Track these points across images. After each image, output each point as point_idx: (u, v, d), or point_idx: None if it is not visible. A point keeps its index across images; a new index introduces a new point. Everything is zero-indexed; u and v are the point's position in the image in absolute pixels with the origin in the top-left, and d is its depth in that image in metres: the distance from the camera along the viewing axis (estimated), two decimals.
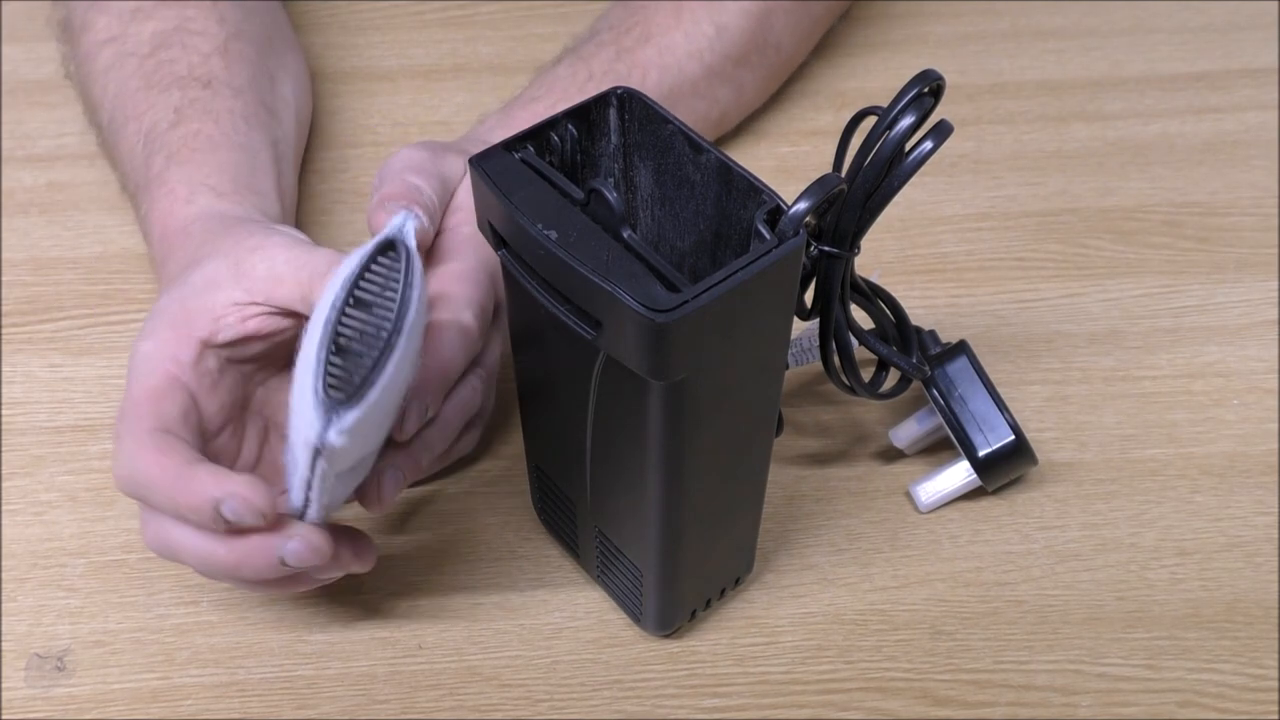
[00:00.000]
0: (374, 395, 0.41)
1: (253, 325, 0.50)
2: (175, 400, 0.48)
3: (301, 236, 0.52)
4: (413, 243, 0.43)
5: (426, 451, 0.51)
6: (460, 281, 0.52)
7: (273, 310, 0.50)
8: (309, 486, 0.45)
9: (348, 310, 0.42)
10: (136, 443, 0.46)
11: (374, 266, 0.43)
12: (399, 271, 0.43)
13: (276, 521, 0.45)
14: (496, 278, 0.53)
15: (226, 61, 0.63)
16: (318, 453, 0.42)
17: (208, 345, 0.49)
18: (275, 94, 0.66)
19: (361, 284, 0.43)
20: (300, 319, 0.50)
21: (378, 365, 0.41)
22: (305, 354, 0.42)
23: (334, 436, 0.41)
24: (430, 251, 0.54)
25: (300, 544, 0.45)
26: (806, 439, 0.61)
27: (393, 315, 0.42)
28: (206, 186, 0.57)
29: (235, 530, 0.45)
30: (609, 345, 0.41)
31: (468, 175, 0.53)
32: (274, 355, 0.51)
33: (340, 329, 0.42)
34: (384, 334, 0.42)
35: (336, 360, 0.42)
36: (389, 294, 0.42)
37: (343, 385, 0.42)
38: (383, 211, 0.52)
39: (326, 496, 0.45)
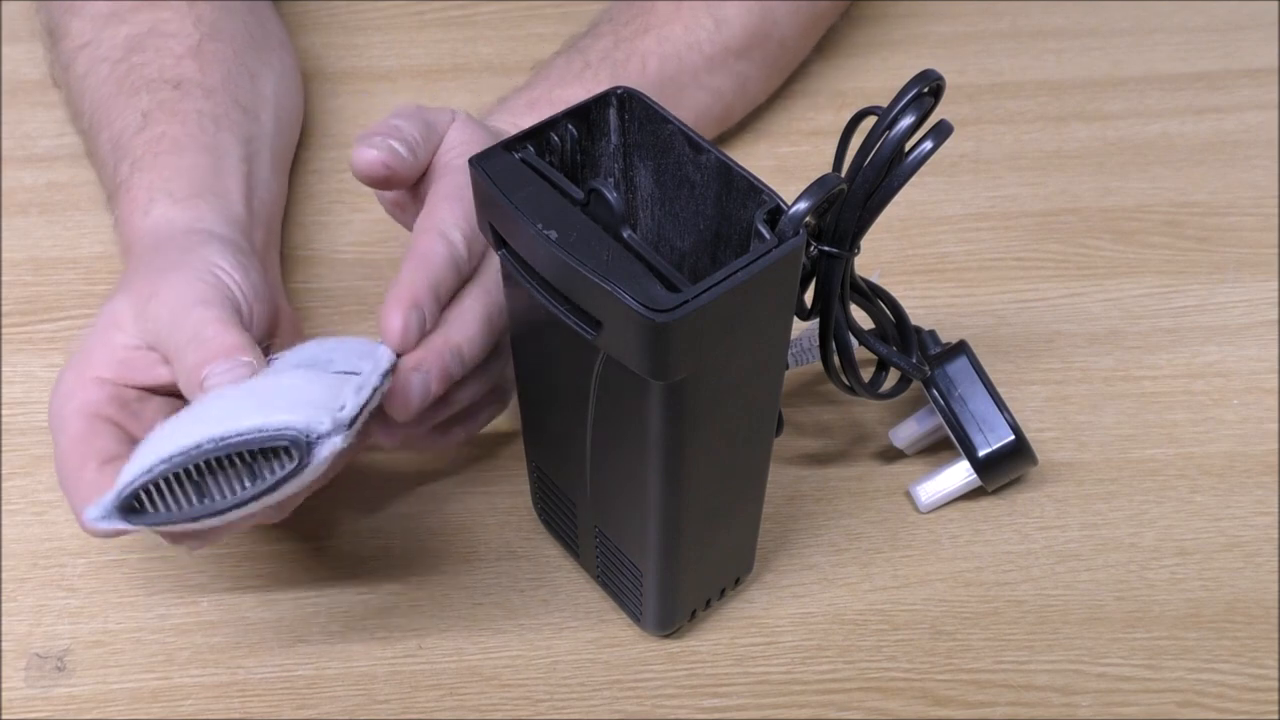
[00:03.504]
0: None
1: (163, 373, 0.49)
2: (104, 434, 0.48)
3: (219, 292, 0.50)
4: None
5: (450, 360, 0.50)
6: (446, 205, 0.51)
7: (164, 358, 0.49)
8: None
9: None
10: (64, 449, 0.47)
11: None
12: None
13: None
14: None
15: (200, 63, 0.63)
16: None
17: (117, 384, 0.49)
18: (254, 92, 0.65)
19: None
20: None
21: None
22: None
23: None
24: (421, 180, 0.53)
25: None
26: (806, 439, 0.61)
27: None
28: (164, 193, 0.57)
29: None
30: (609, 345, 0.41)
31: (459, 119, 0.54)
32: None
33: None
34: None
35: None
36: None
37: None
38: (363, 145, 0.50)
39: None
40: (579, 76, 0.64)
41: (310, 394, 0.44)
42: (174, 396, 0.50)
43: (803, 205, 0.41)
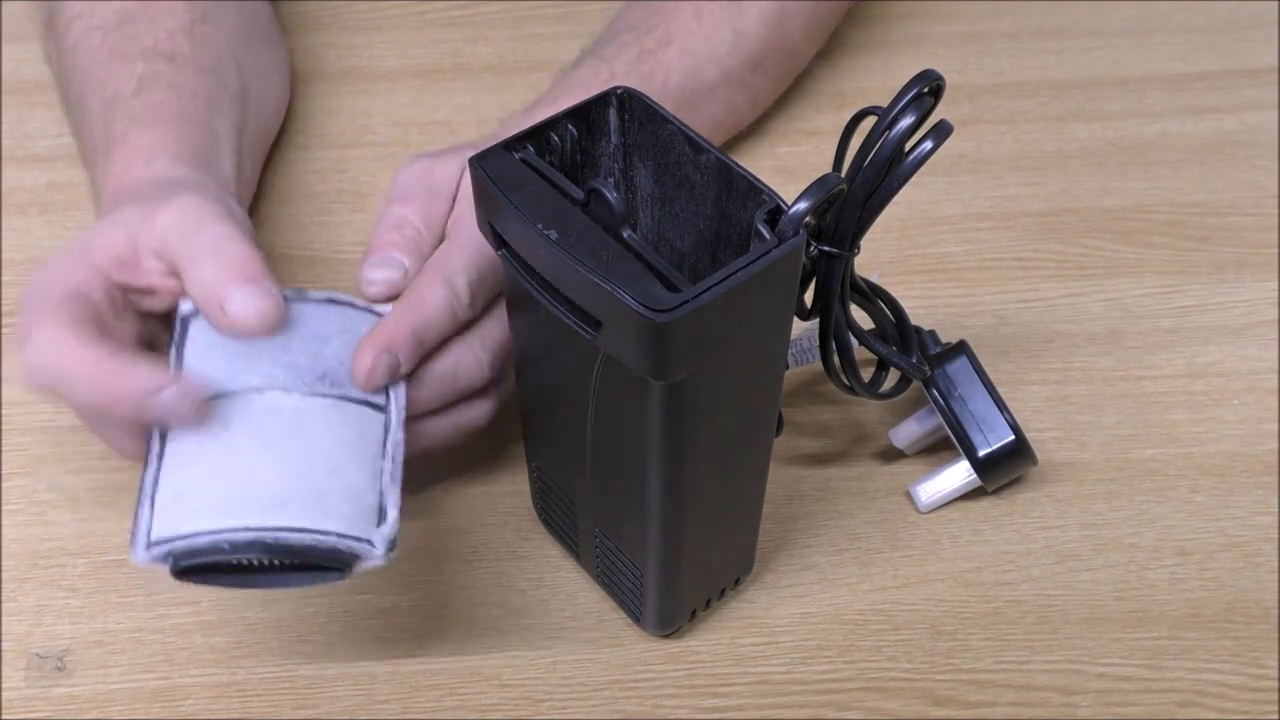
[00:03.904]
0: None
1: (162, 282, 0.49)
2: (87, 308, 0.48)
3: (235, 221, 0.51)
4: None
5: (417, 410, 0.51)
6: (459, 250, 0.52)
7: (166, 270, 0.49)
8: None
9: None
10: (56, 332, 0.46)
11: None
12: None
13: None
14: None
15: (192, 42, 0.63)
16: None
17: (110, 280, 0.49)
18: (242, 82, 0.66)
19: None
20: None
21: None
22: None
23: None
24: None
25: (171, 394, 0.45)
26: (806, 439, 0.61)
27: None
28: (168, 154, 0.56)
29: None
30: (609, 345, 0.41)
31: (467, 174, 0.54)
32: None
33: None
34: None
35: None
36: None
37: None
38: (368, 269, 0.53)
39: None
40: (604, 89, 0.64)
41: (353, 478, 0.46)
42: (160, 318, 0.51)
43: (803, 205, 0.41)
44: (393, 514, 0.46)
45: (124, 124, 0.58)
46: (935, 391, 0.56)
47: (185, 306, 0.49)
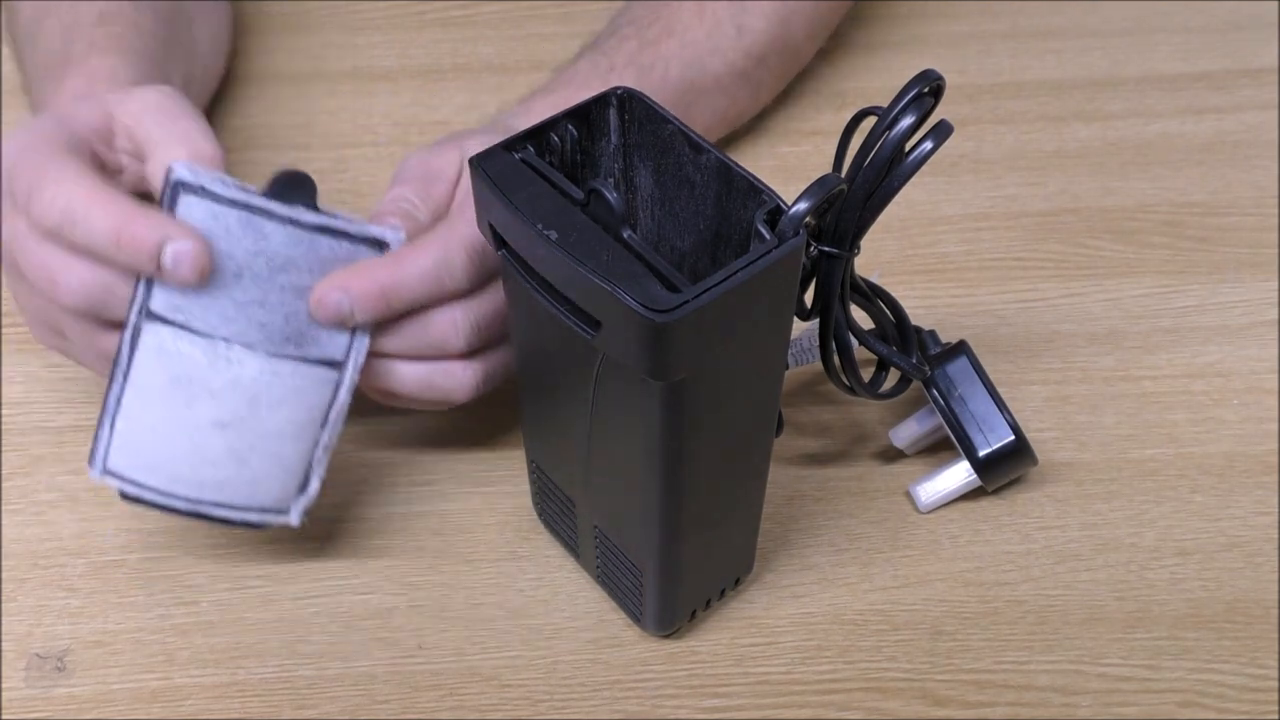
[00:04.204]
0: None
1: (127, 162, 0.50)
2: (90, 159, 0.48)
3: (206, 122, 0.51)
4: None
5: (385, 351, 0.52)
6: (465, 224, 0.51)
7: (134, 152, 0.50)
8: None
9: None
10: (74, 177, 0.46)
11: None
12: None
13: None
14: None
15: None
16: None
17: (92, 148, 0.49)
18: (194, 37, 0.67)
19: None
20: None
21: None
22: None
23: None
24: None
25: (185, 246, 0.46)
26: (806, 439, 0.61)
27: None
28: (130, 81, 0.56)
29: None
30: (609, 345, 0.41)
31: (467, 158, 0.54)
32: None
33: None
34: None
35: None
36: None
37: None
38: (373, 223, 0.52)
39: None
40: (604, 80, 0.64)
41: (290, 457, 0.51)
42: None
43: (803, 205, 0.41)
44: (315, 485, 0.52)
45: (83, 48, 0.58)
46: (935, 391, 0.56)
47: (180, 171, 0.48)
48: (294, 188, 0.49)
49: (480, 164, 0.44)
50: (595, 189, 0.44)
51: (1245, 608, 0.55)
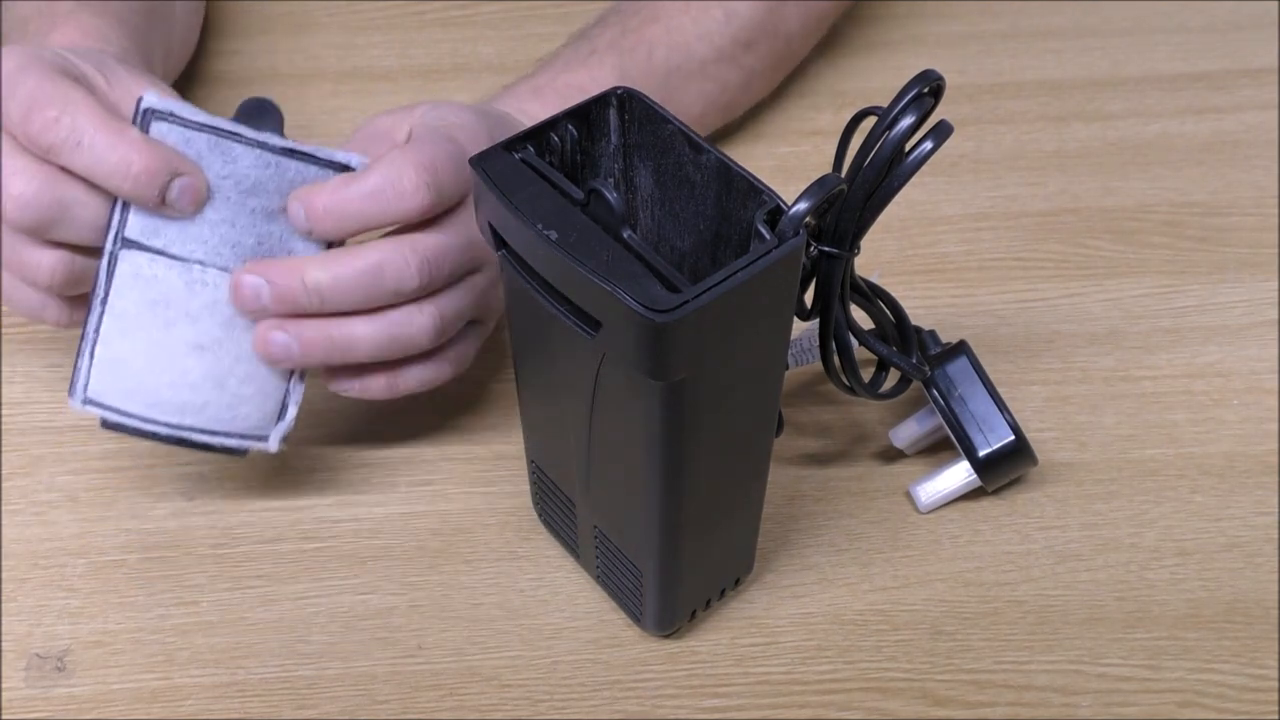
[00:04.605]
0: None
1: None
2: (90, 88, 0.49)
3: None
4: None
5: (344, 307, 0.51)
6: (409, 147, 0.51)
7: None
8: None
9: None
10: (82, 101, 0.47)
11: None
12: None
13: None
14: (464, 167, 0.51)
15: None
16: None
17: (84, 80, 0.50)
18: (171, 9, 0.68)
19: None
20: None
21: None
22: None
23: None
24: None
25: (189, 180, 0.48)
26: (806, 439, 0.61)
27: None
28: (119, 48, 0.57)
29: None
30: (609, 345, 0.41)
31: (430, 108, 0.55)
32: None
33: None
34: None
35: None
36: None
37: None
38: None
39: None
40: (585, 63, 0.64)
41: (266, 381, 0.52)
42: None
43: (803, 205, 0.41)
44: (292, 411, 0.53)
45: (72, 4, 0.58)
46: (935, 391, 0.56)
47: (150, 98, 0.49)
48: (261, 115, 0.51)
49: (480, 164, 0.44)
50: (595, 189, 0.44)
51: (1245, 608, 0.55)
